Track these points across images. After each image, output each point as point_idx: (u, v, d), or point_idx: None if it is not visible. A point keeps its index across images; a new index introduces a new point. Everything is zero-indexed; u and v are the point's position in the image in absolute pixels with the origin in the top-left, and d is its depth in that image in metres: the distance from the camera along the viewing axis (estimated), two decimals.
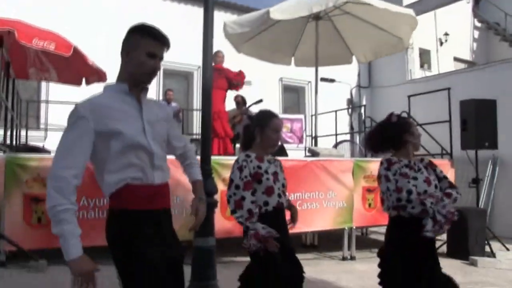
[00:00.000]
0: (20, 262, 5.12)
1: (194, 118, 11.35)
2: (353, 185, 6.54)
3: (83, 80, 8.14)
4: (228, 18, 8.68)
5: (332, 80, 12.53)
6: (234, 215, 2.98)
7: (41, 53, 7.71)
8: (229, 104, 8.45)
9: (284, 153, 7.69)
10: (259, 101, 8.04)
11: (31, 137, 8.69)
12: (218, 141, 7.38)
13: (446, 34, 14.13)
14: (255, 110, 7.16)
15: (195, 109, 11.11)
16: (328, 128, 10.38)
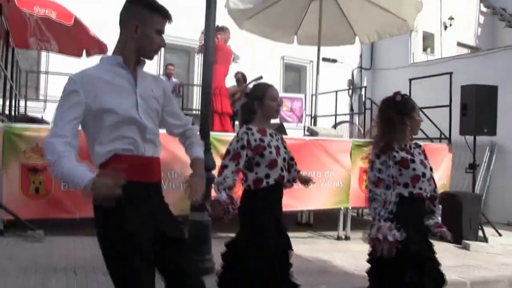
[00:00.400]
0: (17, 232, 5.17)
1: (194, 93, 11.31)
2: (350, 165, 6.56)
3: (84, 52, 8.09)
4: None
5: (334, 61, 12.47)
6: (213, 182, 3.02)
7: (41, 22, 7.65)
8: (230, 81, 8.42)
9: (283, 132, 7.68)
10: (259, 78, 8.00)
11: (30, 108, 8.65)
12: (217, 117, 7.36)
13: (451, 18, 13.97)
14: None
15: (196, 84, 11.05)
16: (328, 108, 10.35)
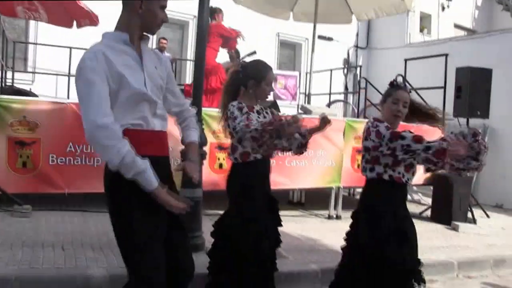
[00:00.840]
0: (3, 207, 5.09)
1: (187, 68, 11.18)
2: (343, 145, 6.53)
3: (74, 23, 7.91)
4: None
5: (329, 39, 12.35)
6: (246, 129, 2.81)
7: None
8: (223, 57, 8.31)
9: (276, 109, 7.61)
10: (252, 52, 7.91)
11: (18, 80, 8.46)
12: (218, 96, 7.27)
13: (449, 0, 13.85)
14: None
15: (189, 59, 10.92)
16: (323, 87, 10.29)
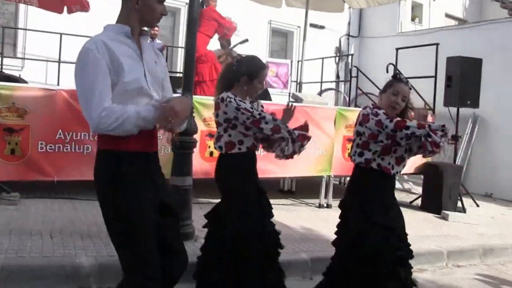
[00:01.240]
0: None
1: (178, 56, 11.07)
2: (334, 133, 6.52)
3: (65, 8, 7.79)
4: None
5: (321, 27, 12.28)
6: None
7: None
8: (214, 45, 8.23)
9: (268, 97, 7.60)
10: (244, 41, 7.85)
11: (7, 66, 8.31)
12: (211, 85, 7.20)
13: None
14: (240, 49, 7.00)
15: (180, 46, 10.81)
16: (314, 75, 10.25)
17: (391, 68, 7.22)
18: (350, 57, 11.94)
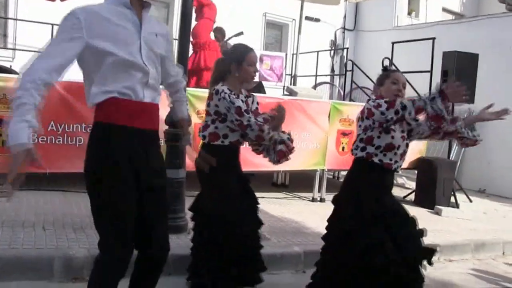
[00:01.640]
0: None
1: (173, 47, 11.00)
2: (328, 127, 6.51)
3: None
4: None
5: (317, 20, 12.23)
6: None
7: None
8: None
9: (262, 90, 7.57)
10: (239, 33, 7.80)
11: None
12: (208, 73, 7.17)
13: None
14: (235, 42, 6.94)
15: (174, 38, 10.73)
16: (309, 68, 10.22)
17: (386, 63, 7.19)
18: (345, 50, 11.91)
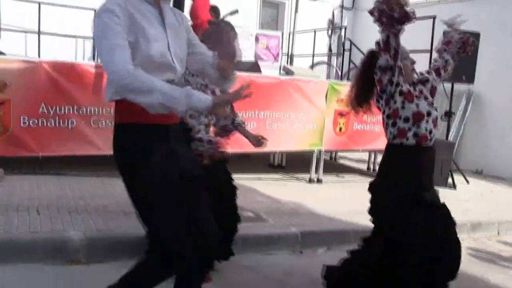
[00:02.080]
0: None
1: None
2: (325, 108, 6.44)
3: None
4: None
5: None
6: None
7: None
8: None
9: (257, 70, 7.46)
10: (234, 12, 7.65)
11: None
12: None
13: None
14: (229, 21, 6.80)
15: None
16: (306, 48, 10.09)
17: None
18: (343, 29, 11.74)
